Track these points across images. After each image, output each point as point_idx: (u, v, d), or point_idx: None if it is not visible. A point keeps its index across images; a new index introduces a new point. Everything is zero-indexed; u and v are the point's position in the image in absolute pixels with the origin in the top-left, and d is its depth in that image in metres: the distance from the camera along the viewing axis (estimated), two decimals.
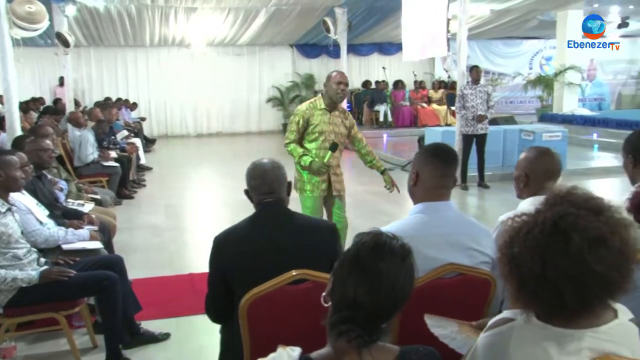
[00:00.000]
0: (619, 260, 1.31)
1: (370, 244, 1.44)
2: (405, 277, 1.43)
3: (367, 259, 1.41)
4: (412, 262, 1.46)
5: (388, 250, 1.42)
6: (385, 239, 1.45)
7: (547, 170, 2.53)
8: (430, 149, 2.42)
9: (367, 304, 1.37)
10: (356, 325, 1.36)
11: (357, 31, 14.82)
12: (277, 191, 2.40)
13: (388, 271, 1.39)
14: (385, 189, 4.91)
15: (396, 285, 1.40)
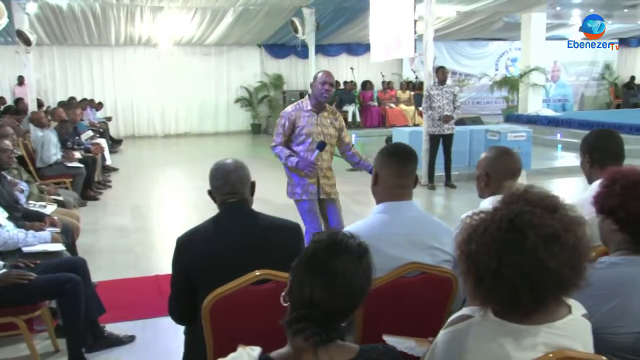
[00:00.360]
0: (573, 257, 1.35)
1: (326, 242, 1.44)
2: (362, 275, 1.43)
3: (322, 257, 1.41)
4: (369, 261, 1.46)
5: (344, 249, 1.42)
6: (341, 237, 1.46)
7: (507, 169, 2.57)
8: (387, 150, 2.44)
9: (323, 303, 1.37)
10: (313, 324, 1.36)
11: (326, 32, 14.85)
12: (240, 191, 2.39)
13: (344, 269, 1.39)
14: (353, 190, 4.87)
15: (353, 284, 1.40)
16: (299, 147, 4.38)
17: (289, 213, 7.01)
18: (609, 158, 2.67)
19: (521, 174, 2.62)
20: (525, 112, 14.60)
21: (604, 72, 19.82)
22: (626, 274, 1.68)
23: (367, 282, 1.44)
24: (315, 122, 4.34)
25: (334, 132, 4.44)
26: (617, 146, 2.74)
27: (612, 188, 1.77)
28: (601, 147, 2.72)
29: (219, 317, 2.16)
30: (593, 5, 14.59)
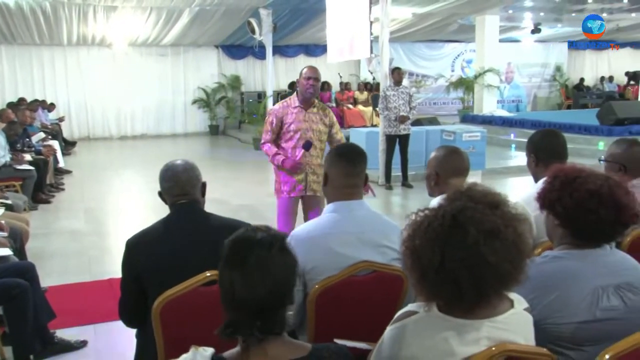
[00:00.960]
0: (513, 252, 1.39)
1: (239, 238, 1.44)
2: (280, 265, 1.41)
3: (236, 253, 1.41)
4: (285, 251, 1.44)
5: (256, 242, 1.41)
6: (251, 232, 1.45)
7: (456, 168, 2.62)
8: (336, 150, 2.48)
9: (246, 299, 1.37)
10: (241, 326, 1.36)
11: (283, 32, 14.84)
12: (190, 192, 2.38)
13: (258, 262, 1.38)
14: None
15: (270, 275, 1.38)
16: (287, 144, 4.33)
17: (243, 213, 7.06)
18: (553, 157, 2.76)
19: (469, 172, 2.67)
20: (480, 113, 14.91)
21: (555, 74, 20.41)
22: (567, 268, 1.74)
23: (287, 271, 1.42)
24: (303, 119, 4.30)
25: (323, 128, 4.40)
26: (560, 145, 2.84)
27: (552, 184, 1.83)
28: (545, 147, 2.81)
29: (169, 319, 2.14)
30: (543, 9, 15.02)
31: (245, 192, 8.57)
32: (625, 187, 1.75)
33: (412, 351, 1.44)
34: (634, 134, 10.52)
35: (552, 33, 18.58)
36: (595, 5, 14.55)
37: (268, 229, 1.48)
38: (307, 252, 2.21)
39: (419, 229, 1.44)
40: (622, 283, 1.71)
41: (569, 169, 1.83)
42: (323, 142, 4.45)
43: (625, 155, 2.86)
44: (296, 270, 1.45)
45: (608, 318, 1.67)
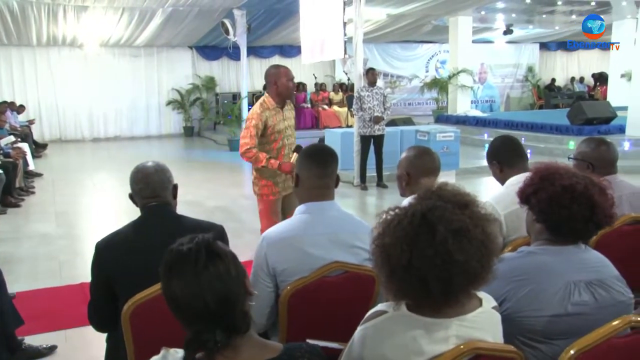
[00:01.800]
0: (481, 252, 1.40)
1: (167, 255, 1.40)
2: (217, 274, 1.34)
3: (168, 271, 1.38)
4: (218, 257, 1.37)
5: (184, 257, 1.36)
6: (178, 246, 1.39)
7: (427, 168, 2.63)
8: (307, 151, 2.46)
9: (193, 313, 1.34)
10: (201, 338, 1.33)
11: (257, 33, 14.80)
12: (161, 195, 2.35)
13: (191, 277, 1.34)
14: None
15: (209, 287, 1.33)
16: (272, 146, 4.19)
17: (218, 215, 7.02)
18: (515, 157, 2.82)
19: (440, 172, 2.69)
20: (454, 113, 15.04)
21: (527, 75, 20.70)
22: (541, 262, 1.77)
23: (224, 274, 1.35)
24: (282, 118, 4.23)
25: (294, 124, 4.45)
26: (519, 147, 2.90)
27: (533, 178, 1.87)
28: (506, 151, 2.86)
29: (140, 323, 2.11)
30: (515, 11, 15.23)
31: (219, 193, 8.51)
32: (602, 187, 1.78)
33: (381, 351, 1.44)
34: (603, 133, 10.71)
35: (523, 34, 18.86)
36: (565, 7, 14.81)
37: (193, 239, 1.39)
38: (279, 253, 2.21)
39: (389, 228, 1.45)
40: (594, 279, 1.75)
41: (551, 166, 1.87)
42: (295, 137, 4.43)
43: (592, 154, 2.91)
44: (235, 267, 1.38)
45: (578, 313, 1.70)
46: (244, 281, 1.40)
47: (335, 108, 15.91)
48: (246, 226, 6.70)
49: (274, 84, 4.15)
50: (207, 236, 1.41)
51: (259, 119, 4.08)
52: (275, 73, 4.17)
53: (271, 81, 4.17)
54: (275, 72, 4.18)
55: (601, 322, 1.64)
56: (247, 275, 1.43)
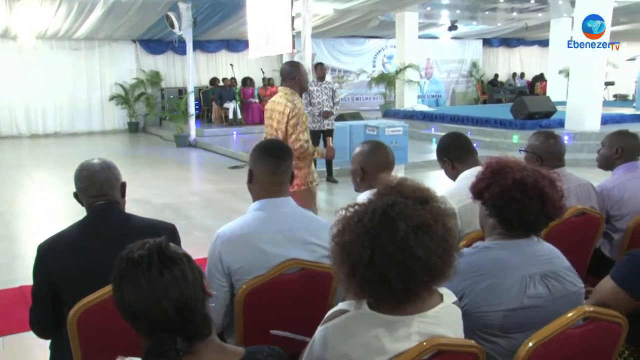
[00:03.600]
0: (442, 247, 1.39)
1: (119, 262, 1.33)
2: (172, 279, 1.27)
3: (119, 278, 1.31)
4: (173, 262, 1.30)
5: (136, 264, 1.29)
6: (129, 253, 1.32)
7: (381, 163, 2.63)
8: (260, 147, 2.40)
9: (149, 324, 1.27)
10: (161, 347, 1.26)
11: (203, 27, 14.55)
12: (108, 193, 2.25)
13: (144, 285, 1.27)
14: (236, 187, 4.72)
15: (164, 294, 1.26)
16: (305, 135, 4.19)
17: (167, 212, 6.87)
18: (464, 153, 2.84)
19: (394, 167, 2.69)
20: (402, 108, 15.22)
21: (471, 70, 21.16)
22: (497, 257, 1.78)
23: (180, 280, 1.29)
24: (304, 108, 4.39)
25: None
26: (468, 142, 2.93)
27: (484, 173, 1.87)
28: (455, 147, 2.89)
29: (87, 328, 2.01)
30: (459, 7, 15.52)
31: (168, 190, 8.32)
32: (552, 179, 1.80)
33: (343, 350, 1.42)
34: (544, 127, 11.05)
35: (468, 30, 19.26)
36: (506, 4, 15.20)
37: (144, 244, 1.32)
38: (233, 251, 2.15)
39: (349, 224, 1.42)
40: (547, 271, 1.77)
41: (501, 160, 1.88)
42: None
43: (541, 147, 2.97)
44: (192, 270, 1.32)
45: (534, 305, 1.72)
46: (201, 283, 1.34)
47: None
48: (196, 223, 6.58)
49: (295, 79, 4.27)
50: (159, 240, 1.33)
51: (301, 106, 4.22)
52: (296, 68, 4.32)
53: (293, 77, 4.28)
54: (296, 68, 4.33)
55: (555, 313, 1.67)
56: (203, 276, 1.37)
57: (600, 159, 3.22)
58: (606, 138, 3.20)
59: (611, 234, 3.03)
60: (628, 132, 3.21)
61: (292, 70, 4.32)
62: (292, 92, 4.25)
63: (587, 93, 10.57)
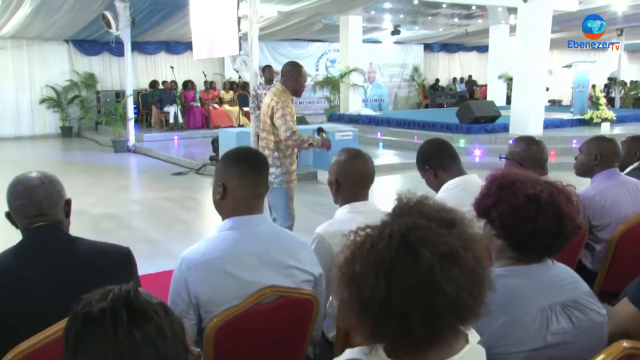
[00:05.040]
0: (472, 280, 1.15)
1: (71, 319, 1.02)
2: (144, 341, 0.98)
3: (70, 341, 0.99)
4: (149, 319, 1.00)
5: (97, 324, 0.98)
6: (87, 307, 1.01)
7: (358, 174, 2.39)
8: (234, 156, 2.08)
9: None
10: None
11: (142, 28, 13.99)
12: (49, 212, 1.91)
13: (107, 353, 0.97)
14: (180, 196, 4.49)
15: (137, 350, 0.97)
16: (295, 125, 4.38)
17: (107, 223, 6.41)
18: (447, 160, 2.65)
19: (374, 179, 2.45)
20: (347, 112, 15.10)
21: (413, 74, 21.36)
22: (511, 288, 1.55)
23: (158, 334, 0.99)
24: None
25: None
26: (449, 148, 2.74)
27: (489, 188, 1.65)
28: (437, 154, 2.70)
29: None
30: (402, 12, 15.58)
31: (106, 199, 7.81)
32: (568, 193, 1.60)
33: None
34: (490, 131, 11.19)
35: (410, 35, 19.41)
36: (448, 10, 15.37)
37: (106, 294, 1.02)
38: (202, 279, 1.86)
39: (360, 252, 1.16)
40: (568, 300, 1.56)
41: (508, 173, 1.67)
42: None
43: (522, 153, 2.82)
44: (170, 324, 1.03)
45: (559, 343, 1.51)
46: (183, 340, 1.05)
47: (226, 107, 15.41)
48: (139, 235, 6.17)
49: (293, 79, 4.38)
50: (126, 288, 1.03)
51: (291, 105, 4.36)
52: (297, 69, 4.42)
53: (291, 75, 4.39)
54: (298, 69, 4.43)
55: (583, 349, 1.48)
56: (184, 328, 1.09)
57: (578, 165, 3.09)
58: (584, 144, 3.09)
59: (593, 245, 2.91)
60: (606, 137, 3.11)
61: (292, 70, 4.42)
62: (283, 90, 4.36)
63: (530, 98, 10.76)
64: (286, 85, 4.38)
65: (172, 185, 8.88)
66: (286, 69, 4.46)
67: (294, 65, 4.50)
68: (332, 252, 2.16)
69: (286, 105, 4.27)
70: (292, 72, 4.41)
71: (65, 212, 1.98)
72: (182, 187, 8.78)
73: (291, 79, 4.40)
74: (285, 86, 4.38)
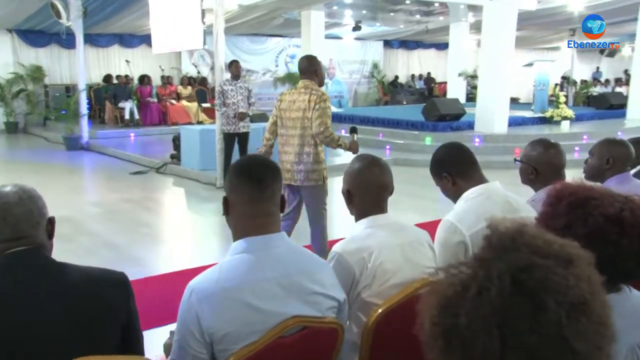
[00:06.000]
0: (600, 332, 0.91)
1: None
2: None
3: None
4: None
5: None
6: None
7: (373, 183, 2.12)
8: (236, 167, 1.81)
9: None
10: None
11: (94, 19, 13.35)
12: (29, 235, 1.59)
13: None
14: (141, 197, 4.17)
15: None
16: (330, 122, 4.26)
17: (64, 228, 5.97)
18: (467, 166, 2.41)
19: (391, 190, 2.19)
20: None
21: (373, 71, 21.26)
22: None
23: None
24: None
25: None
26: (469, 153, 2.48)
27: (556, 207, 1.42)
28: (456, 160, 2.41)
29: None
30: (365, 7, 15.43)
31: (61, 201, 7.29)
32: None
33: None
34: (455, 129, 11.15)
35: (370, 31, 19.30)
36: (411, 6, 15.31)
37: None
38: (216, 312, 1.58)
39: (464, 299, 0.90)
40: None
41: (577, 188, 1.43)
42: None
43: (539, 157, 2.62)
44: None
45: None
46: None
47: (184, 103, 14.91)
48: (99, 240, 5.79)
49: (314, 73, 4.30)
50: None
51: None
52: (316, 61, 4.38)
53: (313, 69, 4.31)
54: (316, 60, 4.38)
55: None
56: None
57: (588, 169, 2.93)
58: (595, 147, 2.92)
59: None
60: (617, 140, 2.96)
61: (312, 63, 4.33)
62: (312, 83, 4.26)
63: (495, 96, 10.75)
64: (313, 80, 4.29)
65: (132, 185, 8.44)
66: (304, 64, 4.35)
67: (311, 58, 4.43)
68: (352, 272, 1.94)
69: (327, 98, 4.23)
70: (314, 66, 4.33)
71: (48, 232, 1.66)
72: (142, 187, 8.35)
73: (314, 74, 4.32)
74: (311, 81, 4.28)
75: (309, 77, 4.29)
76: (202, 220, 6.88)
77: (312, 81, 4.27)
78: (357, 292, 1.93)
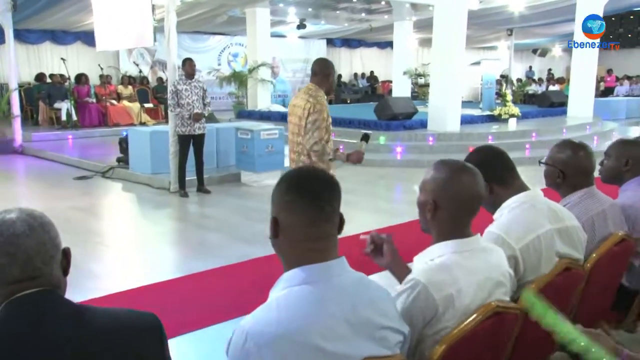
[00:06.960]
0: None
1: None
2: None
3: None
4: None
5: None
6: None
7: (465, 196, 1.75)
8: (287, 180, 1.51)
9: None
10: None
11: (24, 13, 12.50)
12: (43, 273, 1.28)
13: None
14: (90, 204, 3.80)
15: None
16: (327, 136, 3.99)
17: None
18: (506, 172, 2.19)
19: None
20: (255, 108, 14.48)
21: None
22: None
23: None
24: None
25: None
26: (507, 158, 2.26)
27: None
28: (494, 166, 2.13)
29: None
30: (311, 5, 15.23)
31: None
32: None
33: None
34: (408, 128, 11.09)
35: (314, 30, 19.10)
36: (356, 4, 15.22)
37: None
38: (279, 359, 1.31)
39: None
40: None
41: None
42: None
43: (567, 160, 2.46)
44: None
45: None
46: None
47: (125, 103, 14.23)
48: None
49: (326, 77, 4.06)
50: None
51: (327, 109, 3.97)
52: (331, 65, 4.14)
53: (327, 74, 4.07)
54: (331, 65, 4.14)
55: None
56: None
57: (605, 171, 2.82)
58: (612, 148, 2.82)
59: (631, 261, 2.64)
60: (634, 141, 2.86)
61: (325, 66, 4.10)
62: (317, 88, 4.02)
63: (447, 95, 10.77)
64: (320, 85, 4.04)
65: (78, 192, 7.89)
66: (319, 66, 4.10)
67: (327, 61, 4.21)
68: (436, 308, 1.61)
69: (322, 110, 3.92)
70: (327, 70, 4.08)
71: (63, 268, 1.34)
72: (89, 194, 7.82)
73: (325, 77, 4.07)
74: (319, 85, 4.03)
75: (318, 80, 4.05)
76: (158, 227, 6.46)
77: (318, 86, 4.04)
78: (433, 331, 1.63)
